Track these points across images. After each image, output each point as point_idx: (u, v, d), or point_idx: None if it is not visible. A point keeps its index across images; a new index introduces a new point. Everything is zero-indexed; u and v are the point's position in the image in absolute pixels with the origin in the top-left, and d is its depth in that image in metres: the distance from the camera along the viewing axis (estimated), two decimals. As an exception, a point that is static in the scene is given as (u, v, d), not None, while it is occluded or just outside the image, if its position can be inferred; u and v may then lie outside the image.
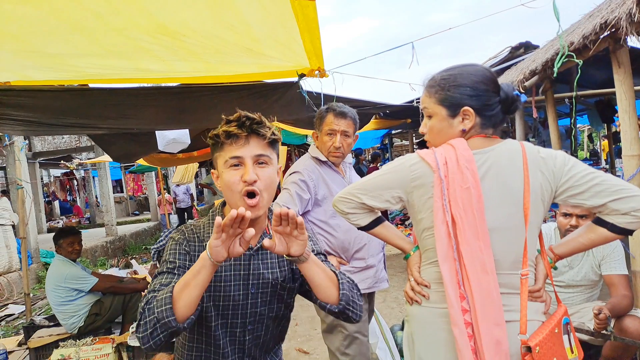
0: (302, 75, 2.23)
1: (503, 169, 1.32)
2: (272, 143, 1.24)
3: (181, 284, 1.09)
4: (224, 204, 1.34)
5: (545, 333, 1.29)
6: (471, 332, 1.26)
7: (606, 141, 13.68)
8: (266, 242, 1.08)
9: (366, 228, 1.48)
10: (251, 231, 1.03)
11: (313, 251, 1.31)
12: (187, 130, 4.14)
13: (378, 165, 9.73)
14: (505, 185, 1.31)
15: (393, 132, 11.61)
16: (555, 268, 1.47)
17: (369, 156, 10.46)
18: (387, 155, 13.47)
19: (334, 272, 1.25)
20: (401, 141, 15.87)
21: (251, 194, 1.17)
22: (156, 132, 4.06)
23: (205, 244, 1.19)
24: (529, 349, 1.25)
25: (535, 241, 1.39)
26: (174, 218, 11.32)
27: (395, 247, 1.52)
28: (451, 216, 1.28)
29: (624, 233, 1.26)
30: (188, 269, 1.13)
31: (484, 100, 1.35)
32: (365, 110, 5.12)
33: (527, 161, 1.31)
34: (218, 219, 1.02)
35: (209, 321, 1.26)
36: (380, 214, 1.50)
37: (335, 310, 1.22)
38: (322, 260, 1.29)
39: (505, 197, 1.30)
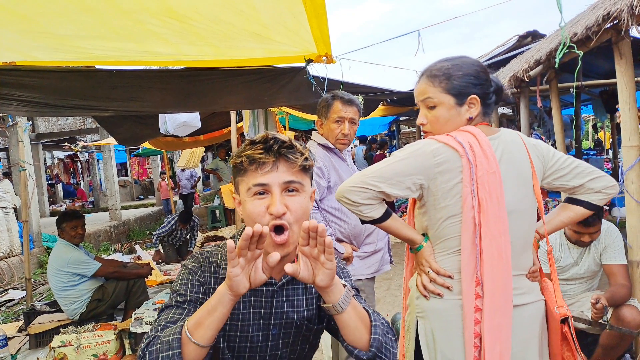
0: (309, 61, 2.24)
1: (513, 154, 1.37)
2: (305, 168, 1.07)
3: (192, 323, 0.94)
4: None
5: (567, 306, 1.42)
6: (479, 317, 1.28)
7: (605, 132, 13.65)
8: (288, 267, 0.92)
9: (378, 221, 1.39)
10: (275, 255, 0.89)
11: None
12: (197, 114, 4.11)
13: (385, 152, 9.62)
14: (517, 169, 1.37)
15: (400, 119, 11.53)
16: (539, 247, 1.55)
17: (377, 143, 10.38)
18: (395, 142, 13.43)
19: (367, 312, 1.07)
20: (408, 128, 15.83)
21: (279, 229, 1.00)
22: (166, 115, 4.04)
23: (222, 277, 1.07)
24: (563, 321, 1.35)
25: None
26: (180, 203, 11.35)
27: (404, 239, 1.45)
28: (477, 201, 1.28)
29: (595, 209, 1.45)
30: (201, 304, 1.00)
31: (485, 89, 1.40)
32: (372, 96, 5.11)
33: (527, 147, 1.40)
34: (230, 242, 0.87)
35: None
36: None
37: (364, 357, 1.02)
38: (353, 295, 1.10)
39: (519, 180, 1.36)
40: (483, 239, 1.28)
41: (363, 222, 1.42)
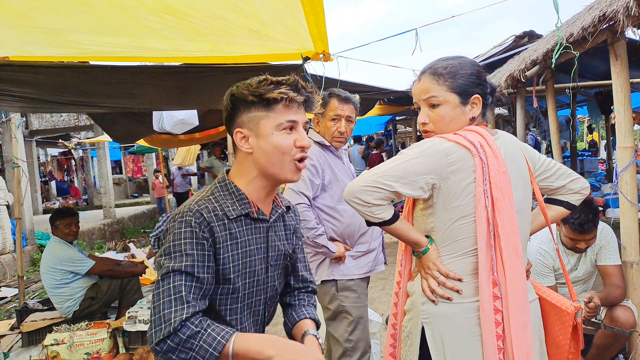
0: (306, 59, 2.23)
1: (514, 155, 1.39)
2: None
3: (239, 349, 1.02)
4: (227, 171, 1.24)
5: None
6: (500, 319, 1.26)
7: (600, 132, 13.73)
8: None
9: (387, 222, 1.33)
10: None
11: (300, 247, 1.38)
12: (195, 111, 4.07)
13: (382, 151, 9.60)
14: (518, 169, 1.38)
15: (397, 118, 11.51)
16: None
17: (374, 142, 10.39)
18: (391, 141, 13.39)
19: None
20: (405, 127, 15.87)
21: (301, 160, 1.18)
22: (164, 112, 4.00)
23: (232, 218, 1.14)
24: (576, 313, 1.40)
25: None
26: (174, 201, 11.31)
27: (409, 241, 1.39)
28: (491, 200, 1.27)
29: (573, 209, 1.54)
30: (208, 260, 1.09)
31: (485, 89, 1.39)
32: (369, 95, 5.10)
33: (521, 148, 1.44)
34: None
35: (235, 303, 1.19)
36: None
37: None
38: (303, 251, 1.41)
39: (521, 180, 1.38)
40: (501, 239, 1.26)
41: (370, 224, 1.36)
